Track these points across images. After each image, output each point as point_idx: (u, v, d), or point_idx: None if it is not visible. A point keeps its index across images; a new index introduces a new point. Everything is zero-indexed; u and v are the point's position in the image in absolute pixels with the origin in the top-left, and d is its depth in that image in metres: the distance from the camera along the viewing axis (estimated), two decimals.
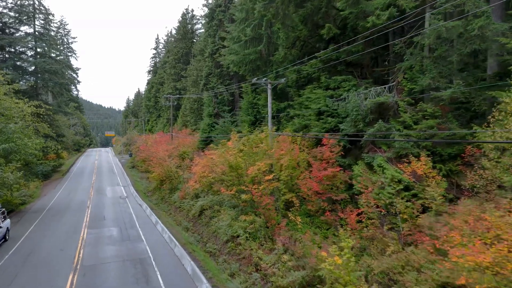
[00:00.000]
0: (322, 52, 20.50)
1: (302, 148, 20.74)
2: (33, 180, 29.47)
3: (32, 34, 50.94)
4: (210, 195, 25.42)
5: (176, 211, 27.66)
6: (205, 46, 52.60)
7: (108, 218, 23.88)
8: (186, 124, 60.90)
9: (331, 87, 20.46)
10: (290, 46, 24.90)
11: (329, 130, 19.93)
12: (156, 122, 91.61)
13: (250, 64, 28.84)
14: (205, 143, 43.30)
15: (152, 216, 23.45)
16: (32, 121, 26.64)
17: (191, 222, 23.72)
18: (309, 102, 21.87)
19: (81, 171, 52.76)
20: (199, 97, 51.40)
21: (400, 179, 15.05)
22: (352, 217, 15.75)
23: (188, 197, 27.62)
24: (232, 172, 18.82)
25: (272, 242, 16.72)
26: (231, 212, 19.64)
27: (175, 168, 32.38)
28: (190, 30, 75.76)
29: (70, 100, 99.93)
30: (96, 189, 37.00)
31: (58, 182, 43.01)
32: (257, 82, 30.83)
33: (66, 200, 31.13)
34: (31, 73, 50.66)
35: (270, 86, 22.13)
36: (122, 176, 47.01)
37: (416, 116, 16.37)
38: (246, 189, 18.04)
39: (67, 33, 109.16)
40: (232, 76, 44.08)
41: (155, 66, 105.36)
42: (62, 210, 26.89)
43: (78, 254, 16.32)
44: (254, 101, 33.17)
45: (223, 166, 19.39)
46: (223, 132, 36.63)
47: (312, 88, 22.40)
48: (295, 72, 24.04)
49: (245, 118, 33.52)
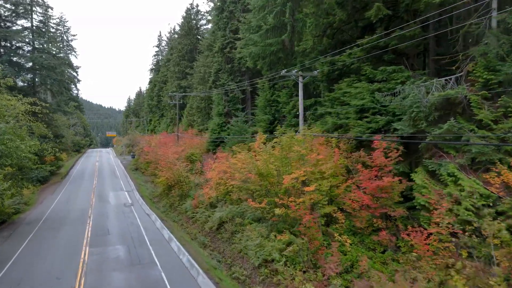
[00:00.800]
0: (366, 40, 17.35)
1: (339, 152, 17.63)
2: (27, 187, 26.30)
3: (30, 28, 47.82)
4: (228, 204, 22.31)
5: (188, 221, 24.53)
6: (213, 41, 49.42)
7: (113, 232, 20.75)
8: (191, 124, 57.80)
9: (378, 79, 17.31)
10: (320, 34, 21.78)
11: (376, 130, 16.80)
12: (158, 122, 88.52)
13: (271, 57, 25.70)
14: (214, 144, 40.22)
15: (163, 230, 20.30)
16: (26, 121, 23.51)
17: (208, 236, 20.59)
18: (348, 98, 18.74)
19: (81, 173, 49.61)
20: (207, 95, 48.28)
21: (485, 193, 11.93)
22: (419, 238, 12.62)
23: (202, 206, 24.49)
24: (262, 181, 15.68)
25: (315, 268, 13.60)
26: (260, 229, 16.49)
27: (185, 172, 29.23)
28: (195, 26, 72.63)
29: (70, 99, 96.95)
30: (97, 194, 33.87)
31: (57, 186, 39.88)
32: (276, 77, 27.78)
33: (64, 208, 28.00)
34: (28, 70, 47.54)
35: (301, 79, 19.00)
36: (125, 180, 43.87)
37: (495, 114, 13.25)
38: (281, 202, 14.92)
39: (66, 30, 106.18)
40: (243, 72, 40.96)
41: (157, 64, 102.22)
42: (60, 221, 23.76)
43: (78, 286, 13.18)
44: (272, 98, 30.03)
45: (251, 174, 16.24)
46: (237, 133, 33.50)
47: (350, 82, 19.27)
48: (327, 64, 20.91)
49: (262, 117, 30.39)
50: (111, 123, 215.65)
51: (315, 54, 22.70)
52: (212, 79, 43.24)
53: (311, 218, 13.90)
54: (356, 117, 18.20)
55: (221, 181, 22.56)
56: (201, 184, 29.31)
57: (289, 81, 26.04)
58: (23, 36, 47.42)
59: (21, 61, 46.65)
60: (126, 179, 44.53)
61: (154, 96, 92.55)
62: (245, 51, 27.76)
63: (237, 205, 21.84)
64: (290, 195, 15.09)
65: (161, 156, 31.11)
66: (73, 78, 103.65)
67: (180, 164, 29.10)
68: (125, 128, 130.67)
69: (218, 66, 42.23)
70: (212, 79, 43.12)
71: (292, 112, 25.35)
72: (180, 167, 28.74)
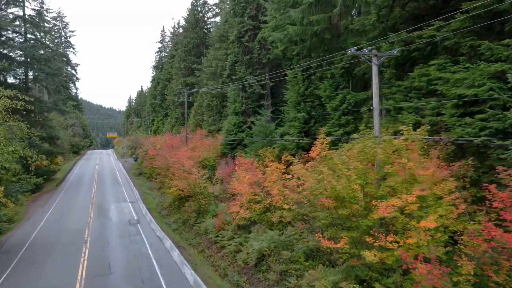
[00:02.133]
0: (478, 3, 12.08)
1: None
2: (5, 205, 21.04)
3: (22, 17, 42.60)
4: (265, 228, 17.07)
5: (211, 247, 19.31)
6: (226, 31, 44.24)
7: (116, 269, 15.47)
8: (200, 124, 52.55)
9: (500, 57, 12.02)
10: (389, 3, 16.53)
11: (499, 131, 11.55)
12: (162, 122, 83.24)
13: (312, 39, 20.44)
14: (230, 147, 35.01)
15: (184, 268, 14.97)
16: (4, 120, 18.29)
17: (243, 274, 15.34)
18: (442, 86, 13.49)
19: (79, 180, 44.40)
20: (220, 90, 43.04)
21: None
22: None
23: (229, 227, 19.26)
24: (342, 210, 10.41)
25: None
26: (332, 278, 11.17)
27: (204, 182, 23.95)
28: (202, 18, 67.40)
29: (69, 98, 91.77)
30: (97, 207, 28.64)
31: (50, 195, 34.71)
32: (312, 65, 22.56)
33: (55, 228, 22.76)
34: (20, 64, 42.31)
35: (376, 60, 13.75)
36: (128, 187, 38.68)
37: None
38: (374, 243, 9.67)
39: (65, 26, 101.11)
40: (264, 64, 35.72)
41: (160, 60, 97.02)
42: (48, 249, 18.50)
43: None
44: (307, 92, 24.76)
45: (323, 198, 10.91)
46: (261, 134, 28.26)
47: (441, 65, 14.02)
48: (400, 44, 15.63)
49: (295, 115, 25.11)
50: (112, 123, 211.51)
51: (378, 32, 17.43)
52: (227, 72, 37.94)
53: (438, 272, 8.56)
54: (456, 113, 12.96)
55: (256, 197, 17.33)
56: (221, 197, 24.09)
57: (336, 70, 20.77)
58: (15, 26, 42.28)
59: (12, 54, 41.42)
60: (129, 186, 39.34)
61: (157, 94, 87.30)
62: (276, 35, 22.49)
63: (278, 229, 16.64)
64: (389, 231, 9.83)
65: (173, 163, 25.76)
66: (71, 76, 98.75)
67: (197, 172, 23.80)
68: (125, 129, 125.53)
69: (234, 58, 36.92)
70: (227, 73, 37.82)
71: (341, 108, 20.09)
72: (197, 176, 23.44)
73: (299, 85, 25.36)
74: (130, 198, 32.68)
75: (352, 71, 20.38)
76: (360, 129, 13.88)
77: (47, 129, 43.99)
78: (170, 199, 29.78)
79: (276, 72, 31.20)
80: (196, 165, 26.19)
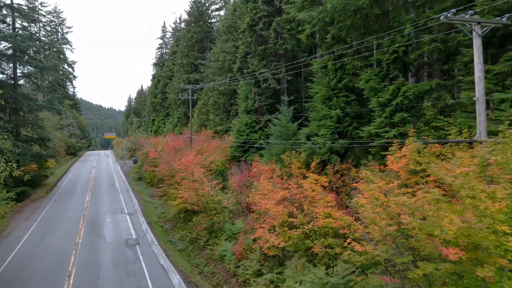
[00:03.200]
0: None
1: None
2: None
3: (9, 5, 38.36)
4: (304, 260, 12.85)
5: (229, 281, 15.10)
6: (234, 21, 40.11)
7: None
8: (205, 124, 48.40)
9: None
10: None
11: None
12: (163, 122, 79.03)
13: (356, 15, 16.18)
14: (242, 150, 30.86)
15: None
16: None
17: None
18: None
19: (73, 185, 40.20)
20: (228, 87, 38.85)
21: None
22: None
23: (253, 255, 15.02)
24: (481, 269, 6.17)
25: None
26: None
27: (216, 195, 19.67)
28: (206, 11, 63.18)
29: (65, 97, 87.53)
30: (89, 221, 24.44)
31: (38, 204, 30.49)
32: (347, 51, 18.35)
33: (35, 252, 18.51)
34: (7, 57, 38.08)
35: (479, 30, 9.55)
36: (126, 195, 34.46)
37: None
38: None
39: (61, 21, 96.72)
40: (280, 56, 31.50)
41: (161, 57, 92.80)
42: (22, 284, 14.30)
43: None
44: (340, 86, 20.55)
45: (446, 249, 6.61)
46: (282, 135, 24.07)
47: None
48: (493, 13, 11.43)
49: (325, 113, 20.84)
50: (111, 124, 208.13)
51: (450, 3, 13.23)
52: (237, 66, 33.72)
53: None
54: None
55: (293, 221, 13.12)
56: (239, 213, 19.86)
57: (385, 55, 16.51)
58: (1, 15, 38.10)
59: None
60: (128, 193, 35.12)
61: (158, 93, 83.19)
62: (307, 14, 18.27)
63: (323, 263, 12.43)
64: None
65: (180, 170, 21.48)
66: (68, 74, 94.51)
67: (208, 183, 19.54)
68: (125, 129, 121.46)
69: (245, 49, 32.66)
70: (238, 66, 33.59)
71: (393, 103, 15.82)
72: (209, 188, 19.18)
73: (330, 77, 21.13)
74: (128, 209, 28.44)
75: (405, 57, 16.18)
76: (419, 130, 9.55)
77: (37, 129, 39.88)
78: (174, 211, 25.62)
79: (295, 63, 27.01)
80: (206, 173, 21.92)
